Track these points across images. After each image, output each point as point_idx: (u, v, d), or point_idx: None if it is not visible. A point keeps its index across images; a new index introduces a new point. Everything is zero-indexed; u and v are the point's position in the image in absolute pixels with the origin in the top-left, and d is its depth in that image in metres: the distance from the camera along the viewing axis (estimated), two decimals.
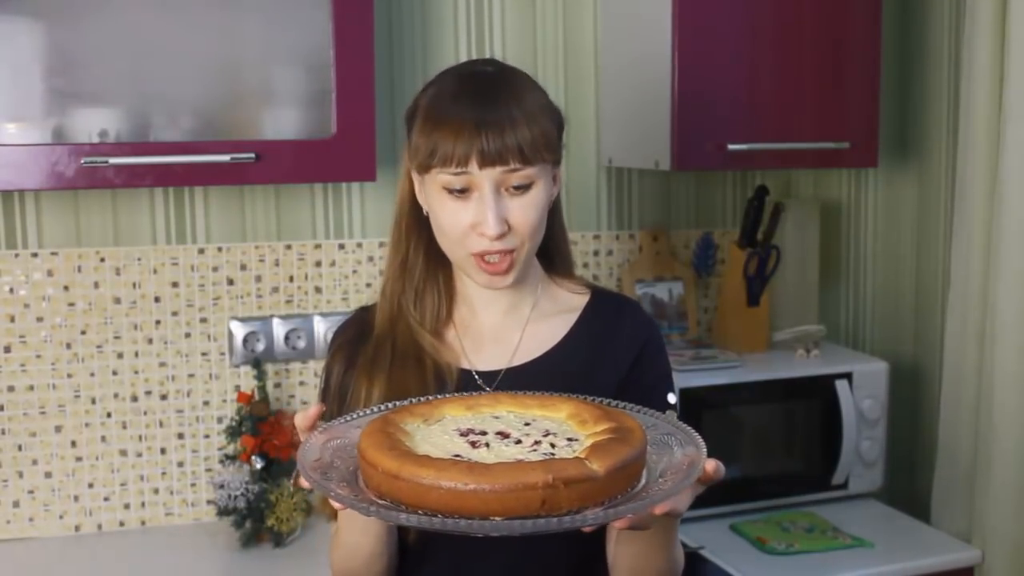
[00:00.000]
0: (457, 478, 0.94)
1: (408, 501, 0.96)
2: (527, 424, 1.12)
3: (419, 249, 1.35)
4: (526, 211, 1.25)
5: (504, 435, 1.08)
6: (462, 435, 1.08)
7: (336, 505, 1.05)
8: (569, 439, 1.08)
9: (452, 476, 0.94)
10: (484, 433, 1.09)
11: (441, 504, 0.94)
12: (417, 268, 1.36)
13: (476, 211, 1.24)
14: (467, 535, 0.95)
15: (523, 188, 1.25)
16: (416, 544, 1.31)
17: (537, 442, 1.07)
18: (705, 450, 1.05)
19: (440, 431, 1.10)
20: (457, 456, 1.02)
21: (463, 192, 1.24)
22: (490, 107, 1.23)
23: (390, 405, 1.17)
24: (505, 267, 1.26)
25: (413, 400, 1.17)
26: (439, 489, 0.94)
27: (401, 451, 1.00)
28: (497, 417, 1.14)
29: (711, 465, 1.05)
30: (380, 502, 0.98)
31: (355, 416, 1.15)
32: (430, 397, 1.18)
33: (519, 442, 1.06)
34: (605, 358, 1.35)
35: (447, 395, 1.19)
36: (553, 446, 1.06)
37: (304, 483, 1.04)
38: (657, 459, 1.06)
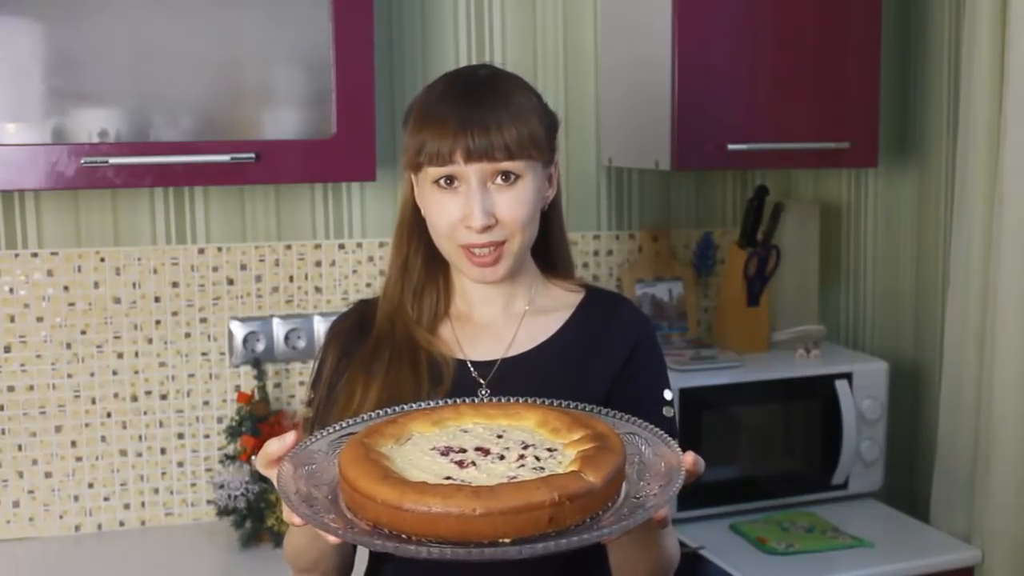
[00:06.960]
0: (466, 504, 0.92)
1: (413, 530, 0.94)
2: (499, 436, 1.10)
3: (419, 251, 1.38)
4: (513, 206, 1.27)
5: (484, 451, 1.06)
6: (442, 454, 1.05)
7: (331, 539, 0.99)
8: (549, 449, 1.06)
9: (460, 503, 0.92)
10: (464, 450, 1.06)
11: (451, 531, 0.92)
12: (416, 269, 1.39)
13: (464, 204, 1.26)
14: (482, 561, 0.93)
15: (510, 182, 1.27)
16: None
17: (521, 455, 1.05)
18: (678, 448, 1.05)
19: (417, 451, 1.07)
20: (449, 479, 1.00)
21: (451, 183, 1.27)
22: (476, 106, 1.26)
23: (350, 421, 1.15)
24: (492, 260, 1.28)
25: (377, 414, 1.15)
26: (448, 517, 0.92)
27: (395, 479, 0.97)
28: (465, 430, 1.11)
29: (690, 459, 1.05)
30: (387, 534, 0.95)
31: (315, 439, 1.12)
32: (394, 410, 1.16)
33: (503, 457, 1.05)
34: (599, 352, 1.36)
35: (410, 408, 1.16)
36: (538, 459, 1.04)
37: (297, 520, 1.01)
38: (629, 461, 1.06)
